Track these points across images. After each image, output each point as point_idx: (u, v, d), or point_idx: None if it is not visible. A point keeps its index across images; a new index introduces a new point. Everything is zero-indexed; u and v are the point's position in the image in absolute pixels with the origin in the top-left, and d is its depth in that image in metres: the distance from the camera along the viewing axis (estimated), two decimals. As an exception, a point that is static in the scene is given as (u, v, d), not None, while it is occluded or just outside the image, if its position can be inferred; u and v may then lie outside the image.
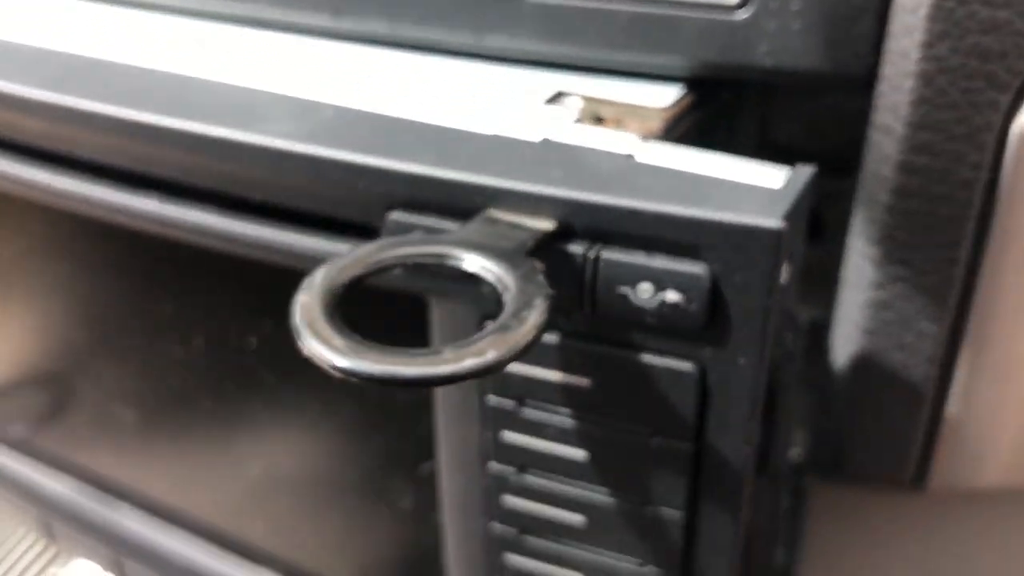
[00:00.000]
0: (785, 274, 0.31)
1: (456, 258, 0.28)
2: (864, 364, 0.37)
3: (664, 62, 0.37)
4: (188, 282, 0.41)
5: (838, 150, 0.43)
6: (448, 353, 0.24)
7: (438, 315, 0.33)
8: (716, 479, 0.31)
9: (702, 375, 0.30)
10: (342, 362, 0.24)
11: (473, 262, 0.28)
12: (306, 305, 0.25)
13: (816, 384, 0.41)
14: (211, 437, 0.46)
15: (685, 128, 0.37)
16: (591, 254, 0.29)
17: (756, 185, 0.30)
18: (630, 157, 0.32)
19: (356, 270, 0.27)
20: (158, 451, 0.49)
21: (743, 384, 0.29)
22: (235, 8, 0.43)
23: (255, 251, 0.35)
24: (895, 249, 0.35)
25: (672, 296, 0.29)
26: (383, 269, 0.28)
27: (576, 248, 0.29)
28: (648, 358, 0.30)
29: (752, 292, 0.28)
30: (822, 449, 0.41)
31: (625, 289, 0.29)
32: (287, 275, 0.35)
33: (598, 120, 0.36)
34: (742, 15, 0.35)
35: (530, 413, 0.33)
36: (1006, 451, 0.39)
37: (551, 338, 0.32)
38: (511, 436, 0.33)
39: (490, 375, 0.24)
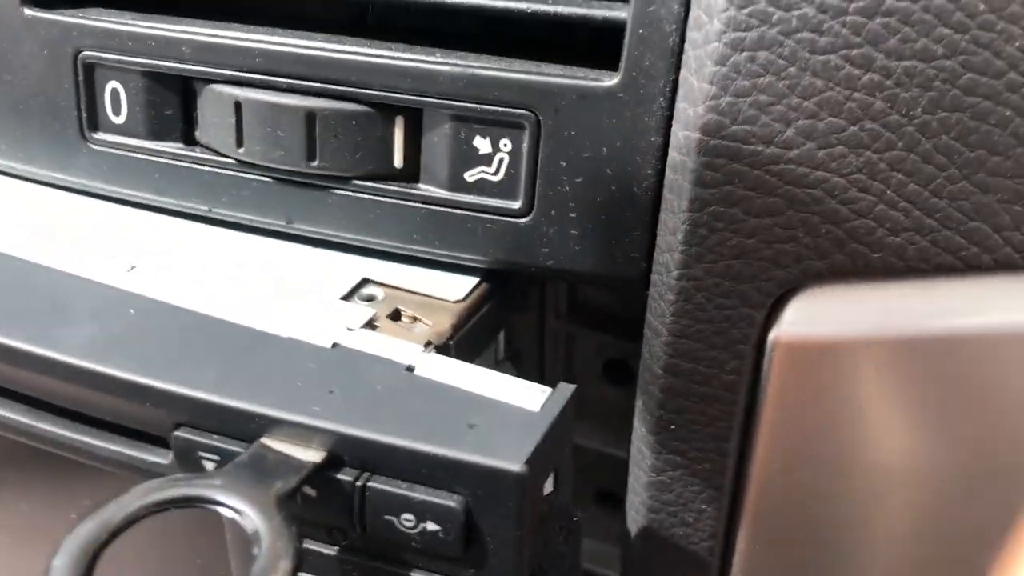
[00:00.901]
0: (550, 485, 0.33)
1: (215, 502, 0.29)
2: (652, 535, 0.40)
3: (461, 255, 0.39)
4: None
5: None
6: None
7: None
8: None
9: (466, 592, 0.32)
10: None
11: (232, 506, 0.29)
12: (58, 570, 0.27)
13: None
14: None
15: (481, 316, 0.39)
16: (359, 483, 0.31)
17: (517, 407, 0.32)
18: (410, 370, 0.34)
19: (115, 524, 0.28)
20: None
21: (504, 601, 0.31)
22: (62, 177, 0.45)
23: (61, 450, 0.37)
24: (670, 439, 0.37)
25: (431, 526, 0.31)
26: (147, 515, 0.29)
27: (345, 476, 0.31)
28: (417, 575, 0.32)
29: (503, 524, 0.30)
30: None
31: (390, 517, 0.31)
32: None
33: (396, 315, 0.38)
34: (525, 221, 0.37)
35: (316, 616, 0.34)
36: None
37: (331, 551, 0.33)
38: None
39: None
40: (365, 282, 0.40)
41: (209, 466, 0.33)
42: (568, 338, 0.47)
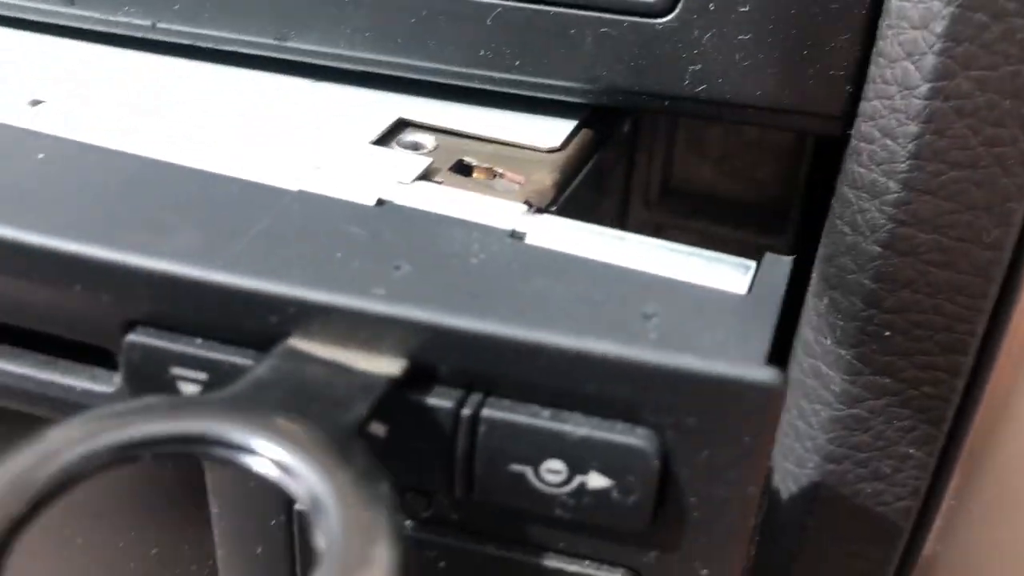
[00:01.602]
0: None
1: (234, 446, 0.16)
2: (822, 495, 0.28)
3: (553, 83, 0.26)
4: None
5: (763, 197, 0.33)
6: None
7: (213, 481, 0.21)
8: None
9: (640, 592, 0.19)
10: None
11: (263, 455, 0.16)
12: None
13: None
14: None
15: (589, 174, 0.26)
16: (466, 411, 0.18)
17: (710, 288, 0.20)
18: (518, 237, 0.21)
19: (39, 489, 0.14)
20: None
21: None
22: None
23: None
24: (875, 354, 0.25)
25: (598, 481, 0.18)
26: (98, 470, 0.15)
27: (441, 401, 0.18)
28: (555, 564, 0.19)
29: (727, 475, 0.18)
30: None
31: (521, 467, 0.18)
32: None
33: (464, 168, 0.25)
34: (665, 22, 0.24)
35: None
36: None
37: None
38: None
39: None
40: (403, 125, 0.26)
41: (189, 390, 0.19)
42: (657, 232, 0.34)
